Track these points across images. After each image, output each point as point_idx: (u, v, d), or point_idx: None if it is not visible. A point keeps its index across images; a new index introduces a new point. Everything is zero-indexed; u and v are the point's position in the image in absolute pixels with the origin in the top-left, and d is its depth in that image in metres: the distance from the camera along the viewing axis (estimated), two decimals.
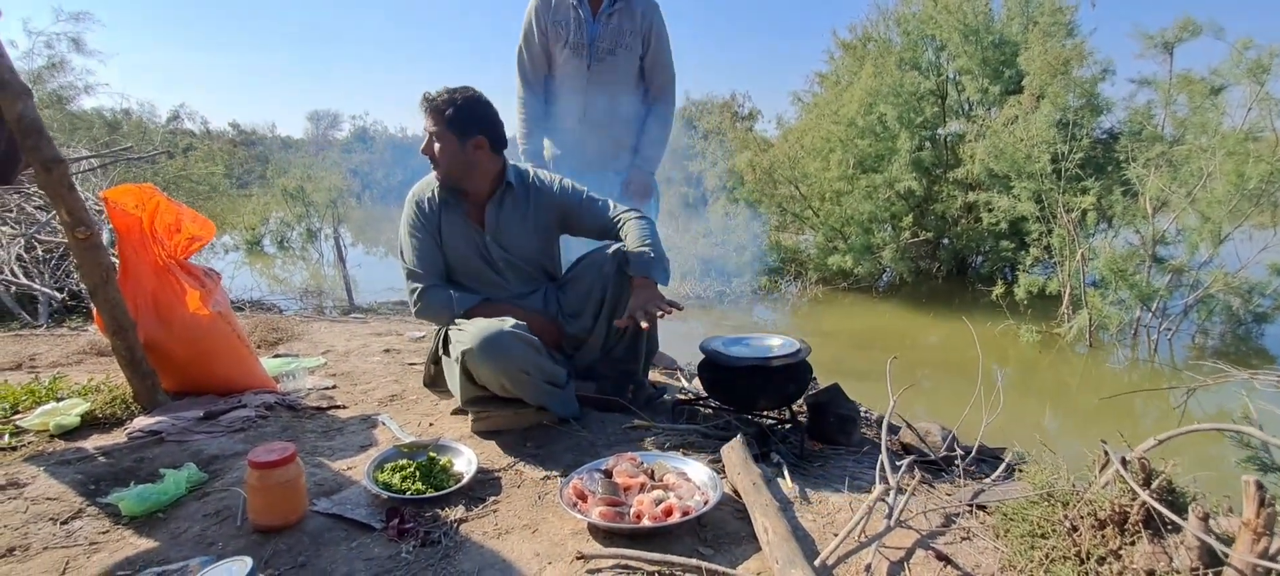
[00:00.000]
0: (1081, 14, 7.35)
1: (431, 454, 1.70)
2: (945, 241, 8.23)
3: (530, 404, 1.94)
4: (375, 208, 22.29)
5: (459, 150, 2.00)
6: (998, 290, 6.09)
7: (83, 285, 2.17)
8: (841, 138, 7.88)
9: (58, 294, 3.43)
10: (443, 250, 2.08)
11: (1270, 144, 5.28)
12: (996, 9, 8.01)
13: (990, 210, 6.76)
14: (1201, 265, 5.53)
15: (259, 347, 2.95)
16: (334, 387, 2.46)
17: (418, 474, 1.61)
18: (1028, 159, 6.05)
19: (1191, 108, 5.52)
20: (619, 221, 2.13)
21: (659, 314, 1.92)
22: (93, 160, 4.48)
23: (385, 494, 1.53)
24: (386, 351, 2.97)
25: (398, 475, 1.61)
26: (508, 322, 1.82)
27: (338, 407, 2.25)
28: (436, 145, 1.98)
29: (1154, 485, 1.30)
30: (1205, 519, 1.20)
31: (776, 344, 2.10)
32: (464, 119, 1.98)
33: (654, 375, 2.82)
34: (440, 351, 2.14)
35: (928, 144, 8.01)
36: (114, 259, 2.11)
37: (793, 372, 2.02)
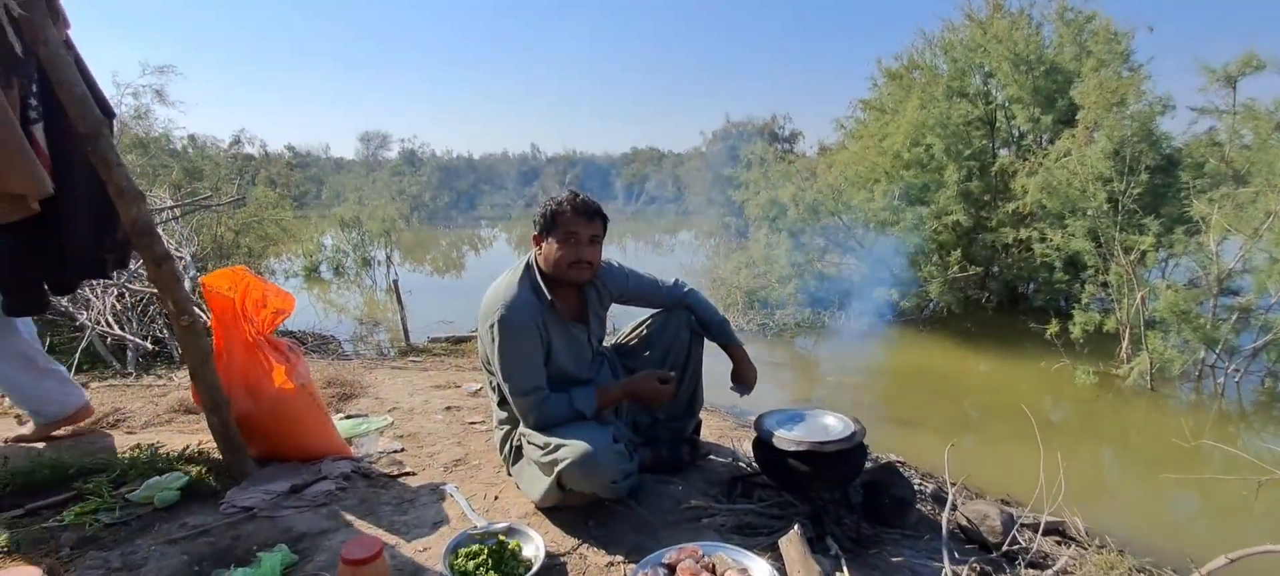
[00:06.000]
0: (1137, 40, 7.16)
1: (501, 537, 1.80)
2: (995, 270, 8.05)
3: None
4: (423, 230, 22.92)
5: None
6: (1052, 328, 5.94)
7: (184, 363, 2.32)
8: (887, 169, 7.82)
9: (147, 345, 3.69)
10: (548, 361, 2.06)
11: None
12: (1048, 34, 7.85)
13: (1043, 241, 6.61)
14: (1270, 307, 5.30)
15: (329, 403, 3.12)
16: (402, 450, 2.59)
17: (490, 561, 1.71)
18: (1083, 195, 5.90)
19: (1257, 144, 5.31)
20: (684, 293, 2.39)
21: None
22: (175, 210, 4.81)
23: None
24: (448, 409, 3.10)
25: (471, 562, 1.70)
26: (598, 435, 1.91)
27: (408, 474, 2.38)
28: (594, 250, 2.04)
29: None
30: None
31: (832, 423, 2.14)
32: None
33: (706, 432, 2.87)
34: (513, 452, 2.16)
35: (976, 175, 7.87)
36: (209, 334, 2.28)
37: (848, 457, 2.05)
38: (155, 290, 2.07)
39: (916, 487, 2.52)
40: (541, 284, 2.05)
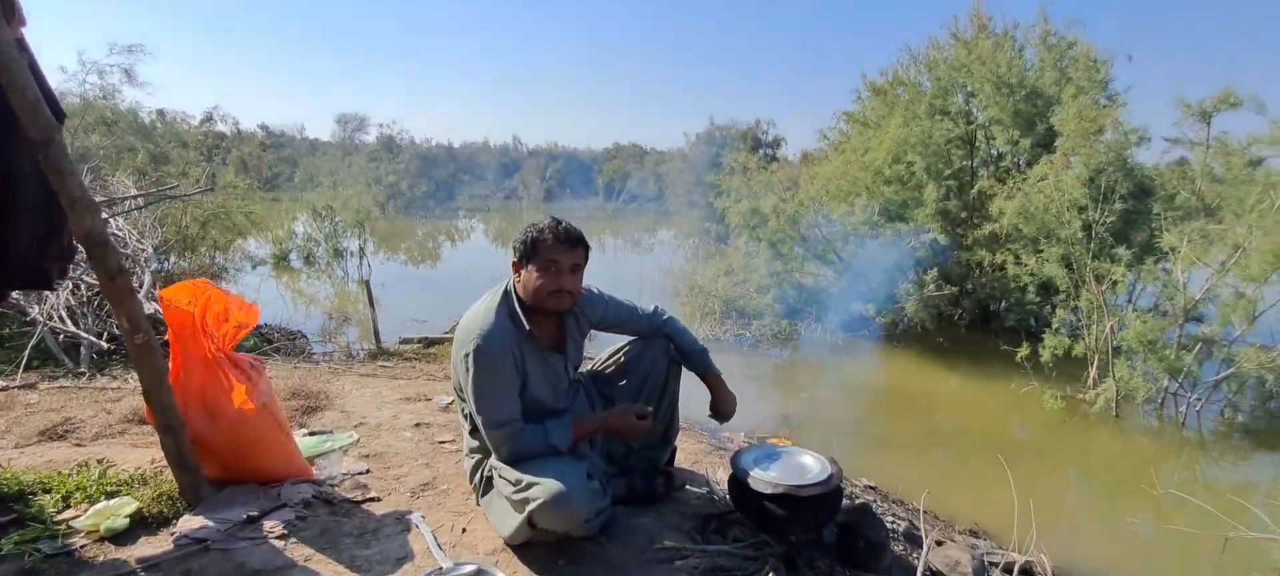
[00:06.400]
0: (1116, 68, 7.30)
1: None
2: (969, 287, 8.16)
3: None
4: (399, 219, 22.55)
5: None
6: (1022, 351, 6.02)
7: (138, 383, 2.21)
8: (868, 184, 7.86)
9: (102, 344, 3.53)
10: (523, 391, 2.00)
11: None
12: (1030, 57, 7.95)
13: (1018, 262, 6.70)
14: (1234, 340, 5.43)
15: (293, 416, 3.01)
16: (367, 472, 2.51)
17: None
18: (1058, 221, 5.98)
19: (1228, 178, 5.43)
20: (662, 321, 2.35)
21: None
22: (139, 200, 4.61)
23: None
24: (417, 425, 3.02)
25: None
26: (572, 472, 1.86)
27: (372, 499, 2.30)
28: (575, 280, 2.00)
29: None
30: None
31: (809, 464, 2.11)
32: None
33: (681, 456, 2.83)
34: (484, 482, 2.10)
35: (954, 194, 7.95)
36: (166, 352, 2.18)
37: (824, 500, 2.03)
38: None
39: (888, 524, 2.51)
40: (519, 311, 1.99)
